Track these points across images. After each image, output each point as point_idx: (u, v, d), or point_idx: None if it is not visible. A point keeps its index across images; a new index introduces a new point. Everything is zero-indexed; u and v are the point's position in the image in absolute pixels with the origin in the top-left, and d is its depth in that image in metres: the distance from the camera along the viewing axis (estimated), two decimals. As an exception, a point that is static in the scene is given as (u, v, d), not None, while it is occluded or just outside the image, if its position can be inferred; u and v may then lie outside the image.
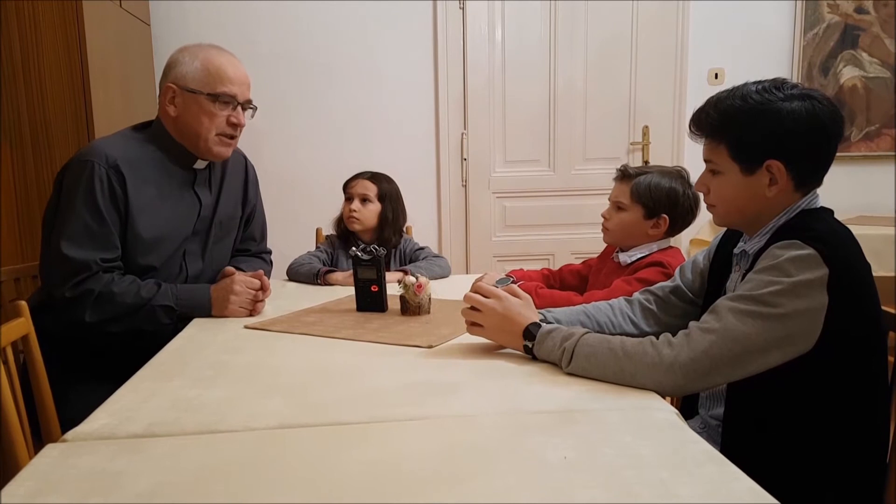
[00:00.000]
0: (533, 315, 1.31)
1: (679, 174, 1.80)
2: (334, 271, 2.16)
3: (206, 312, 1.69)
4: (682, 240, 3.37)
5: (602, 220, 1.87)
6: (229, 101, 1.70)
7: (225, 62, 1.70)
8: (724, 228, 1.40)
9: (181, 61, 1.69)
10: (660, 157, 3.54)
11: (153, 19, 3.21)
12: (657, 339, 1.15)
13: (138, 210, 1.65)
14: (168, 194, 1.72)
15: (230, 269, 1.80)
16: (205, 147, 1.72)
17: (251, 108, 1.78)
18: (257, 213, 2.06)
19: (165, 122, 1.73)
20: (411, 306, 1.68)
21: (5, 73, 2.37)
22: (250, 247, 2.07)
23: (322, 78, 3.39)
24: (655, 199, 1.75)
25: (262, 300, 1.75)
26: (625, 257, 1.81)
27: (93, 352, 1.65)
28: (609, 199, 1.86)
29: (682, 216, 1.78)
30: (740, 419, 1.22)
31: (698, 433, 1.01)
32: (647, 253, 1.79)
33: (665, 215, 1.76)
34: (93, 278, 1.58)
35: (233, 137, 1.75)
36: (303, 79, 3.38)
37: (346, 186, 2.36)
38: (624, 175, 1.82)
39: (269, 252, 2.16)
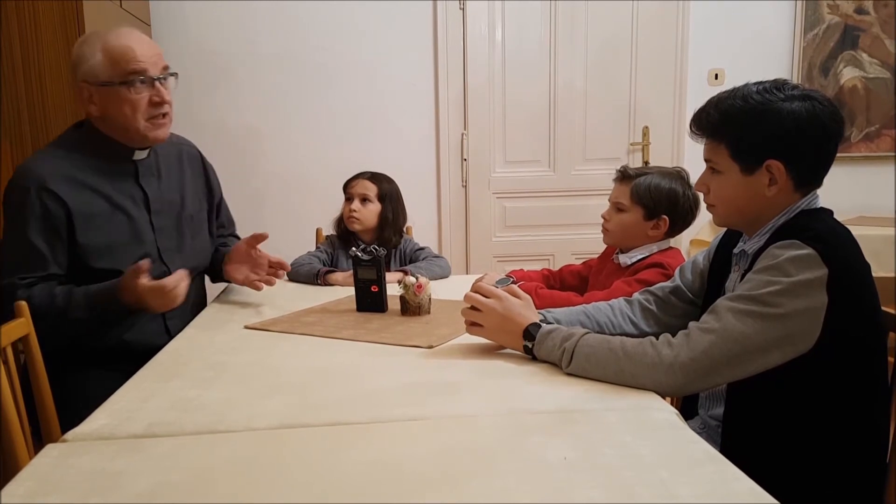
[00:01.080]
0: (533, 315, 1.31)
1: (679, 175, 1.80)
2: (334, 271, 2.16)
3: (125, 308, 1.58)
4: (682, 240, 3.37)
5: (602, 220, 1.86)
6: (144, 80, 1.61)
7: (125, 41, 1.62)
8: (724, 229, 1.40)
9: (84, 56, 1.61)
10: (660, 157, 3.54)
11: (153, 19, 3.21)
12: (657, 339, 1.16)
13: (86, 220, 1.60)
14: (113, 195, 1.67)
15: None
16: (139, 136, 1.65)
17: (170, 75, 1.68)
18: (223, 204, 2.05)
19: (94, 121, 1.67)
20: (411, 306, 1.68)
21: (5, 73, 2.37)
22: (222, 232, 2.08)
23: (322, 78, 3.39)
24: (656, 201, 1.75)
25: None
26: (625, 258, 1.81)
27: (93, 352, 1.65)
28: (609, 200, 1.85)
29: (682, 217, 1.78)
30: (740, 419, 1.22)
31: (698, 433, 1.01)
32: (648, 254, 1.78)
33: (665, 216, 1.76)
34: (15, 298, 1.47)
35: (164, 115, 1.67)
36: (303, 79, 3.38)
37: (346, 186, 2.35)
38: (624, 176, 1.81)
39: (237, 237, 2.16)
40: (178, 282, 1.52)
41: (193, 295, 1.84)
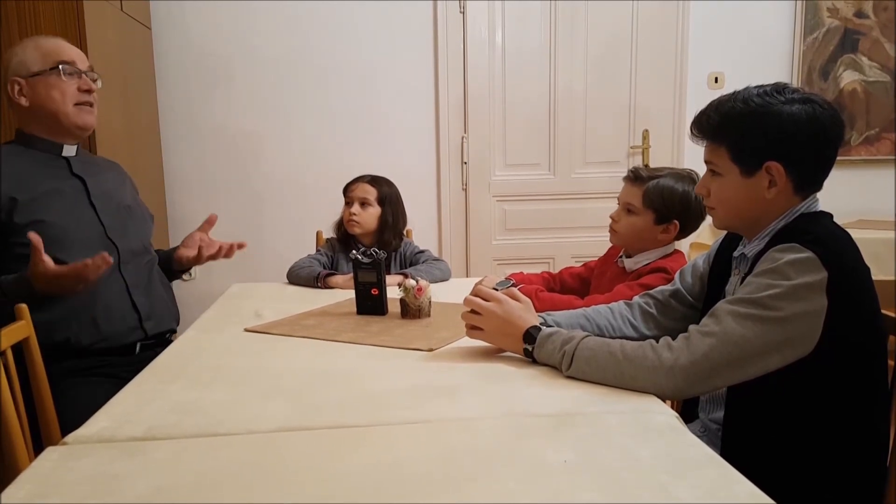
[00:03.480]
0: (533, 318, 1.31)
1: (690, 177, 1.76)
2: (335, 274, 2.16)
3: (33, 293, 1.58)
4: (683, 244, 3.37)
5: (610, 220, 1.83)
6: (72, 70, 1.72)
7: (55, 40, 1.74)
8: (724, 232, 1.40)
9: (14, 55, 1.72)
10: (660, 160, 3.54)
11: (154, 22, 3.22)
12: (657, 342, 1.16)
13: (26, 206, 1.62)
14: (52, 182, 1.70)
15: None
16: (67, 122, 1.72)
17: (95, 76, 1.78)
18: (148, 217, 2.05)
19: (24, 120, 1.74)
20: (411, 309, 1.68)
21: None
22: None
23: (322, 81, 3.39)
24: (668, 206, 1.73)
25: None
26: (630, 263, 1.80)
27: (93, 355, 1.65)
28: (618, 200, 1.83)
29: (693, 220, 1.77)
30: (740, 423, 1.22)
31: (698, 437, 1.01)
32: (653, 258, 1.77)
33: (676, 221, 1.75)
34: None
35: (90, 105, 1.76)
36: (303, 82, 3.38)
37: (346, 190, 2.35)
38: (636, 177, 1.78)
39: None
40: (100, 267, 1.51)
41: (157, 273, 1.90)
